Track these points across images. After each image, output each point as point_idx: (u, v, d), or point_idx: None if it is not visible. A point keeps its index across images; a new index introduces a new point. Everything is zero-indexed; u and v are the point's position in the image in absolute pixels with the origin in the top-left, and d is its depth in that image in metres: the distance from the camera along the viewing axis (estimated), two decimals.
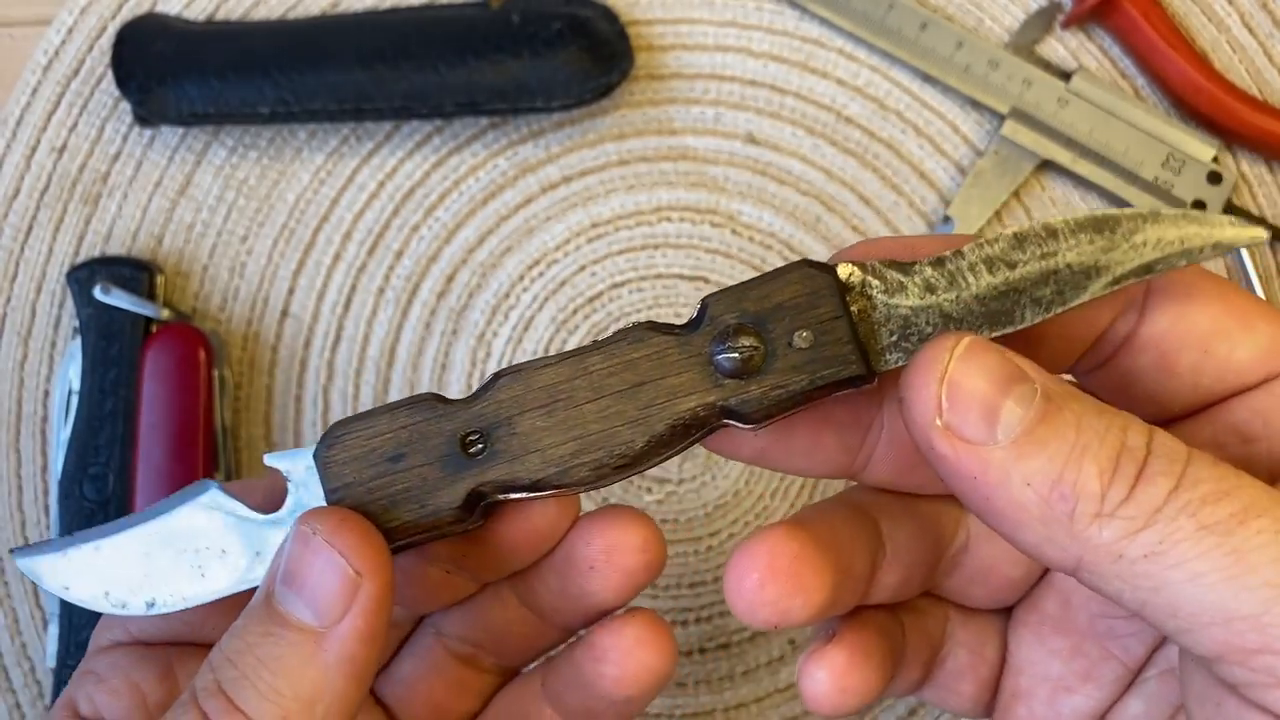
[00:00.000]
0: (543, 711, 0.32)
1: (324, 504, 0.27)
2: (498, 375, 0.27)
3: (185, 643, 0.31)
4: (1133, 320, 0.27)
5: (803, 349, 0.26)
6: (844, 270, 0.26)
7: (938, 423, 0.24)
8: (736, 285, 0.26)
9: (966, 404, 0.23)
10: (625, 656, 0.29)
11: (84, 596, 0.28)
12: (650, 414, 0.26)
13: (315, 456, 0.27)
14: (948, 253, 0.26)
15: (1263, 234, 0.26)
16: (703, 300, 0.26)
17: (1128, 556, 0.23)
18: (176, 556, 0.28)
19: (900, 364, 0.26)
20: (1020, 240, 0.26)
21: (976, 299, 0.26)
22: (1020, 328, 0.26)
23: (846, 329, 0.26)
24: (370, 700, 0.33)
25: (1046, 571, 0.32)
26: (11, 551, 0.29)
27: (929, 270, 0.26)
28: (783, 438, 0.28)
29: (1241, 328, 0.27)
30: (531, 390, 0.26)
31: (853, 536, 0.29)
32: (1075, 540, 0.23)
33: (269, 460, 0.28)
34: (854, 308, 0.26)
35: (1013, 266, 0.26)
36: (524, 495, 0.27)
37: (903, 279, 0.26)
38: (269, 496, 0.28)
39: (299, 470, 0.27)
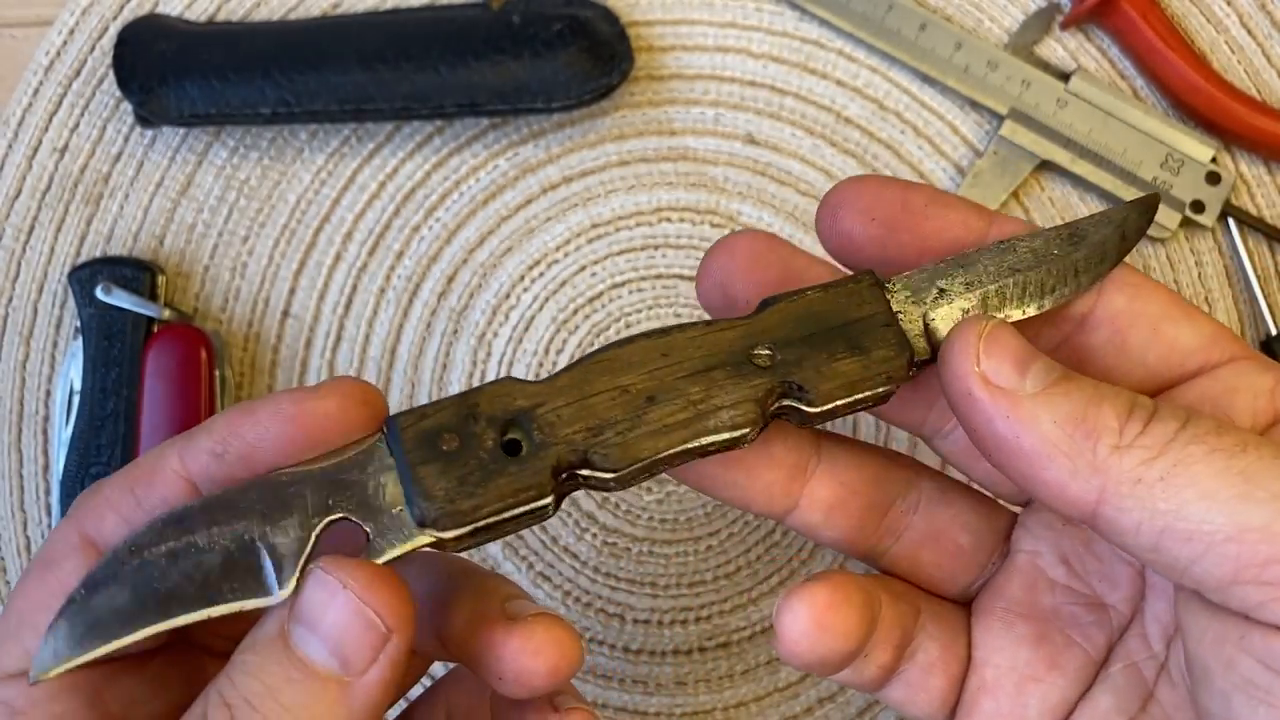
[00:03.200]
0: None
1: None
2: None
3: (110, 659, 0.28)
4: (1091, 300, 0.30)
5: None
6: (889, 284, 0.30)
7: (976, 370, 0.27)
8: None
9: (1002, 355, 0.27)
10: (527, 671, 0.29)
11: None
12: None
13: (386, 440, 0.27)
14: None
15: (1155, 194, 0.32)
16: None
17: (1145, 480, 0.25)
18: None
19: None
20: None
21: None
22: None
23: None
24: None
25: (1003, 547, 0.33)
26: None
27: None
28: (727, 476, 0.31)
29: (1186, 316, 0.30)
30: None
31: (873, 594, 0.31)
32: (1098, 471, 0.26)
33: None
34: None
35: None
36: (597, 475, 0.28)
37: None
38: None
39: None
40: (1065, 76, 0.48)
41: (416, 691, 0.36)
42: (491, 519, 0.26)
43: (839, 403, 0.28)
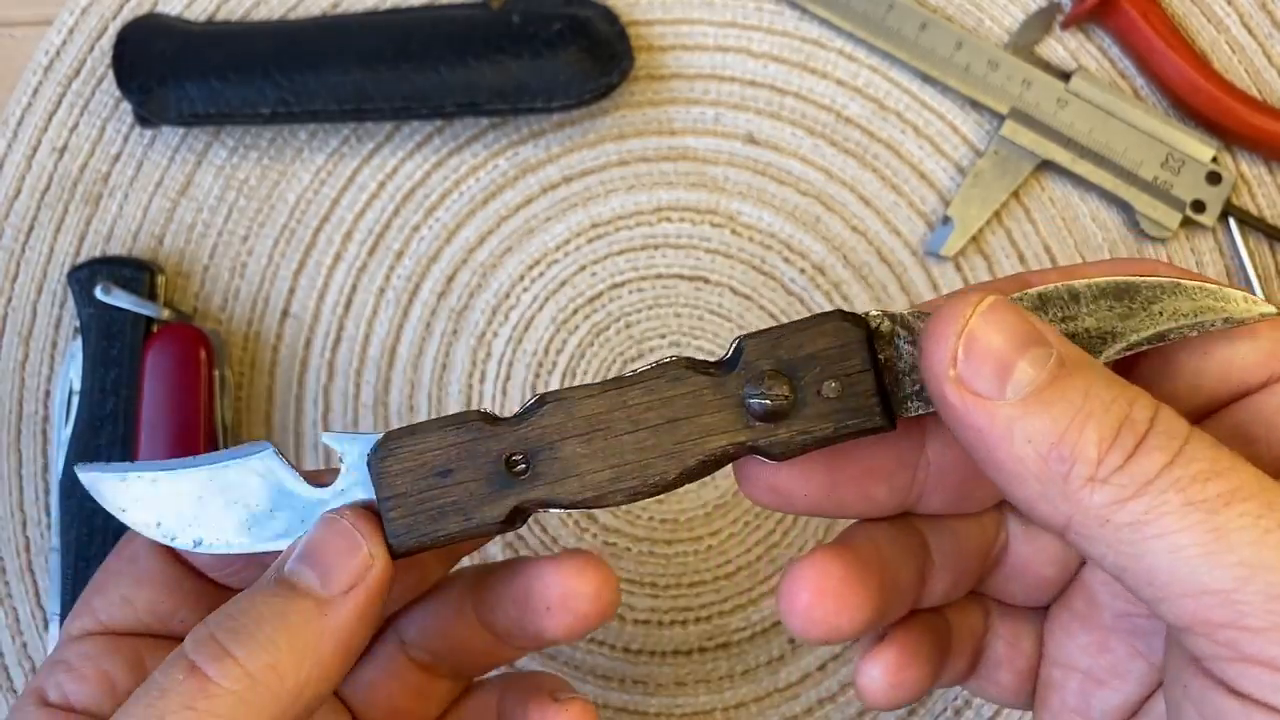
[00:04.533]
0: (468, 616, 0.34)
1: (374, 500, 0.29)
2: (542, 399, 0.28)
3: (155, 634, 0.32)
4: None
5: (830, 398, 0.27)
6: (874, 319, 0.27)
7: (951, 374, 0.25)
8: (772, 329, 0.27)
9: (981, 358, 0.25)
10: (574, 598, 0.31)
11: (138, 521, 0.30)
12: (684, 449, 0.28)
13: (369, 465, 0.29)
14: None
15: (1272, 309, 0.27)
16: (738, 341, 0.28)
17: (1114, 522, 0.24)
18: (227, 506, 0.30)
19: (921, 412, 0.27)
20: (1044, 301, 0.27)
21: None
22: None
23: (872, 383, 0.27)
24: (336, 703, 0.34)
25: (1079, 570, 0.32)
26: (76, 466, 0.31)
27: None
28: (833, 494, 0.30)
29: (1244, 331, 0.27)
30: (574, 419, 0.28)
31: (899, 552, 0.30)
32: (1067, 500, 0.24)
33: (326, 439, 0.29)
34: (881, 355, 0.27)
35: None
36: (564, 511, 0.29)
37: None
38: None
39: (353, 455, 0.29)
40: (1066, 76, 0.48)
41: None
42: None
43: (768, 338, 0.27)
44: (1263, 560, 0.23)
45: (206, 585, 0.33)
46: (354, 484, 0.29)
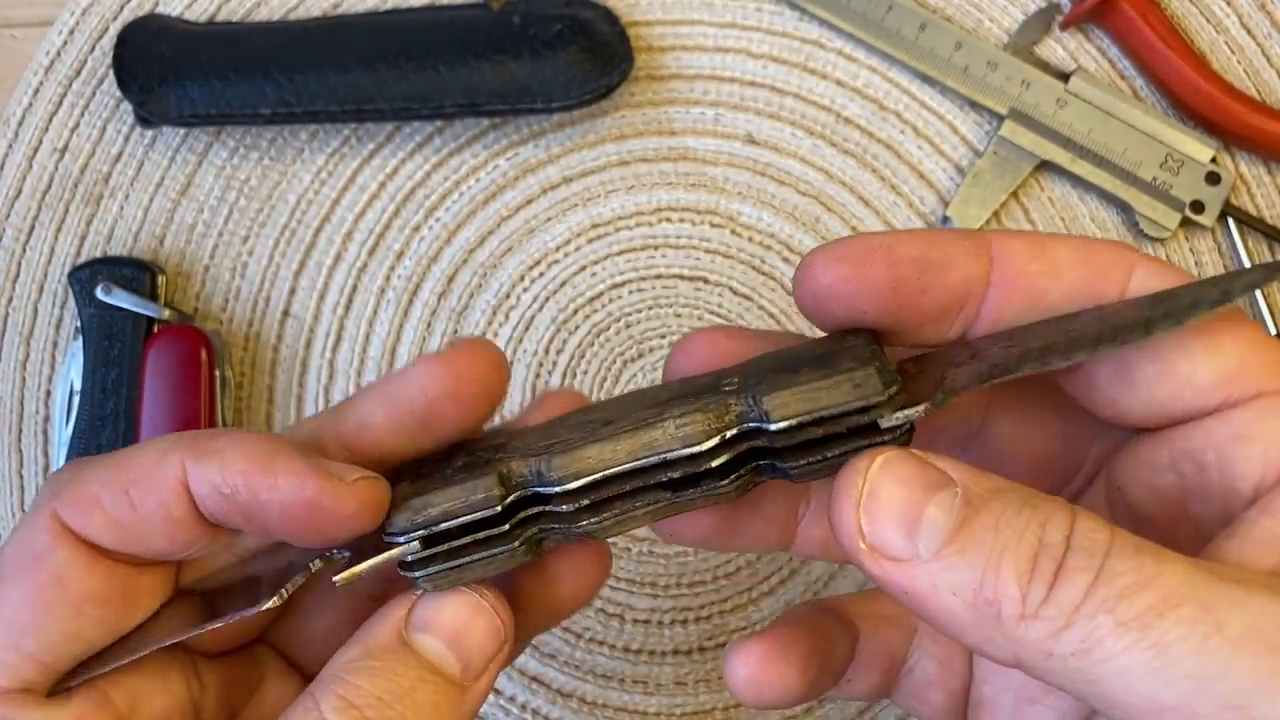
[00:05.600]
0: None
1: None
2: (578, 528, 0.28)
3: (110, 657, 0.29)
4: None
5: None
6: (910, 416, 0.26)
7: (861, 546, 0.24)
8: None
9: (885, 522, 0.24)
10: (580, 575, 0.31)
11: None
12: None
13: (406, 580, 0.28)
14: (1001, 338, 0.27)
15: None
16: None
17: (1057, 654, 0.23)
18: None
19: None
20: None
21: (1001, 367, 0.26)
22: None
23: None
24: (282, 666, 0.32)
25: None
26: None
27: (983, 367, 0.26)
28: (725, 532, 0.31)
29: (1208, 346, 0.26)
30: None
31: (830, 634, 0.31)
32: (1007, 640, 0.23)
33: (341, 583, 0.27)
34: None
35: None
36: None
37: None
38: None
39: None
40: (1065, 77, 0.48)
41: None
42: (445, 524, 0.27)
43: (800, 418, 0.25)
44: (1208, 669, 0.22)
45: (135, 570, 0.29)
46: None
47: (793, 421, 0.25)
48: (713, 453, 0.26)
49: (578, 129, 0.49)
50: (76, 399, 0.46)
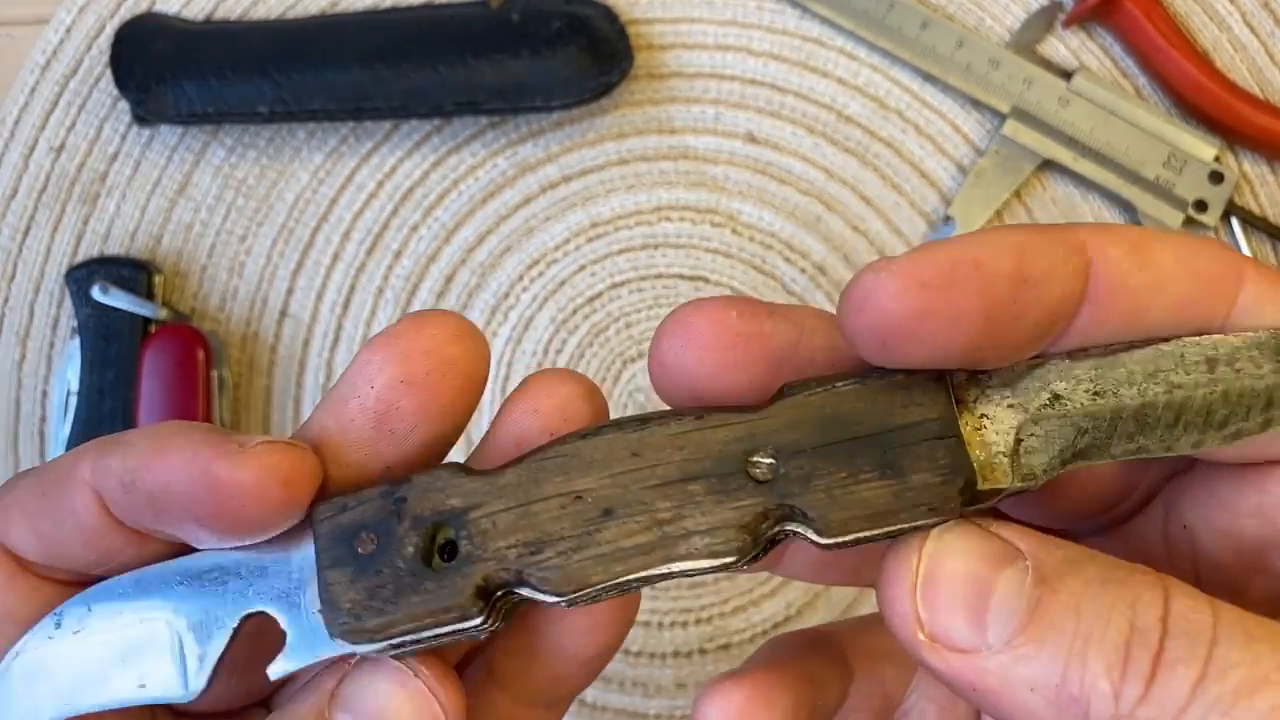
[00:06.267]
0: (495, 699, 0.29)
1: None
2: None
3: None
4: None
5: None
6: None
7: (921, 637, 0.21)
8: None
9: (947, 608, 0.21)
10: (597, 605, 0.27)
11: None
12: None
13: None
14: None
15: None
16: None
17: None
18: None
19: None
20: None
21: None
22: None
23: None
24: None
25: None
26: None
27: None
28: None
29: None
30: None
31: (820, 678, 0.27)
32: None
33: (275, 674, 0.24)
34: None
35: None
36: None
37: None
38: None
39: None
40: (1067, 75, 0.48)
41: None
42: (407, 638, 0.23)
43: (859, 535, 0.22)
44: None
45: (63, 590, 0.26)
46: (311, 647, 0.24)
47: (851, 538, 0.22)
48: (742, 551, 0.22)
49: (577, 127, 0.49)
50: (73, 399, 0.45)
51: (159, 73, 0.46)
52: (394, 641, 0.23)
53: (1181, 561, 0.23)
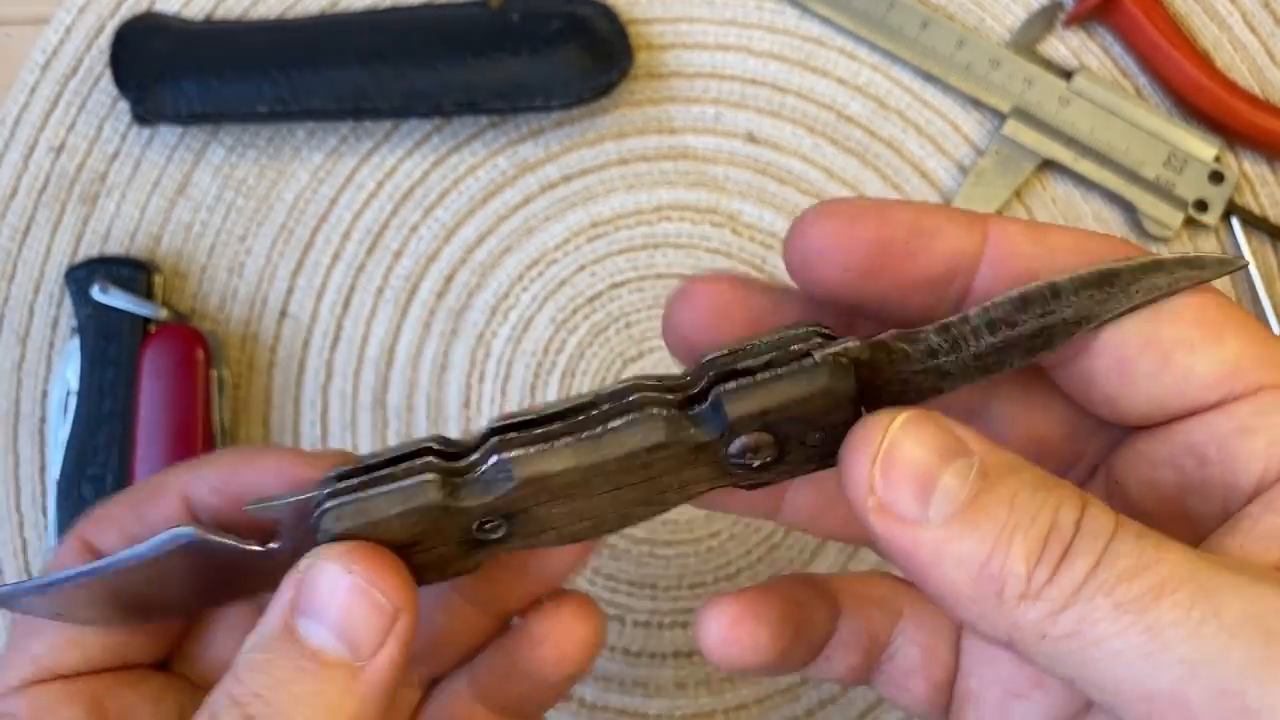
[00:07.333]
0: (474, 711, 0.33)
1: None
2: (510, 466, 0.26)
3: (111, 669, 0.30)
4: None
5: (813, 446, 0.26)
6: (855, 350, 0.26)
7: (871, 501, 0.24)
8: (754, 386, 0.25)
9: (900, 481, 0.24)
10: (564, 636, 0.31)
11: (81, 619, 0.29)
12: (665, 498, 0.27)
13: (316, 538, 0.27)
14: (952, 318, 0.26)
15: (1242, 262, 0.27)
16: (715, 393, 0.25)
17: (1051, 635, 0.23)
18: (165, 589, 0.28)
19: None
20: (1025, 302, 0.26)
21: (974, 357, 0.26)
22: (1004, 373, 0.27)
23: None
24: None
25: None
26: None
27: (934, 338, 0.26)
28: (709, 496, 0.30)
29: (1208, 339, 0.26)
30: (548, 488, 0.26)
31: (809, 604, 0.31)
32: (1004, 619, 0.23)
33: (253, 510, 0.27)
34: (860, 376, 0.26)
35: (1013, 326, 0.26)
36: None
37: (908, 348, 0.26)
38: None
39: (288, 516, 0.27)
40: (1068, 75, 0.48)
41: None
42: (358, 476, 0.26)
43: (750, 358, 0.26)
44: (1201, 654, 0.22)
45: None
46: (300, 539, 0.27)
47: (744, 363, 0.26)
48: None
49: (577, 127, 0.49)
50: (73, 399, 0.45)
51: (159, 72, 0.46)
52: (343, 473, 0.26)
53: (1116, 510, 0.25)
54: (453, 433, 0.48)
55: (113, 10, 0.49)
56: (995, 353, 0.26)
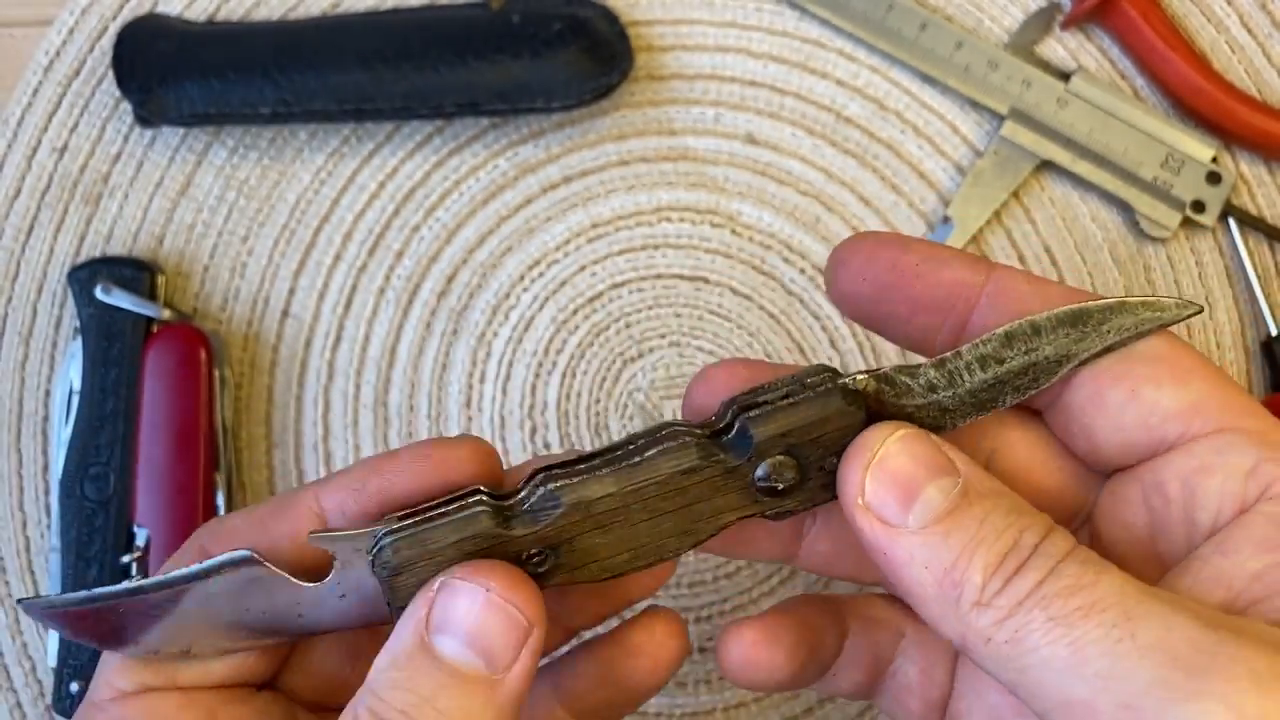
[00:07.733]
0: (554, 712, 0.34)
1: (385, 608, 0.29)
2: (555, 496, 0.28)
3: (229, 685, 0.31)
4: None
5: (830, 471, 0.29)
6: (862, 381, 0.29)
7: (860, 501, 0.27)
8: (775, 410, 0.28)
9: (886, 487, 0.27)
10: (659, 649, 0.33)
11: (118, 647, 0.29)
12: (698, 527, 0.29)
13: (374, 570, 0.28)
14: (947, 354, 0.29)
15: (1199, 307, 0.29)
16: (740, 420, 0.29)
17: (994, 640, 0.25)
18: (212, 617, 0.29)
19: None
20: (1010, 338, 0.29)
21: (969, 393, 0.29)
22: (998, 409, 0.30)
23: None
24: None
25: None
26: (20, 602, 0.30)
27: (931, 372, 0.29)
28: (732, 541, 0.33)
29: (1174, 378, 0.28)
30: (592, 514, 0.28)
31: (820, 627, 0.33)
32: (959, 621, 0.26)
33: (315, 540, 0.28)
34: (869, 408, 0.29)
35: (1001, 362, 0.29)
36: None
37: (909, 382, 0.29)
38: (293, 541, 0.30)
39: (346, 552, 0.28)
40: (1066, 76, 0.48)
41: None
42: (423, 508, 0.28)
43: (775, 402, 0.28)
44: (1115, 670, 0.24)
45: None
46: (358, 581, 0.28)
47: (769, 404, 0.29)
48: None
49: (577, 128, 0.49)
50: (76, 399, 0.46)
51: (161, 74, 0.47)
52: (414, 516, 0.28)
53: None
54: (453, 432, 0.48)
55: (115, 12, 0.49)
56: (988, 389, 0.29)
